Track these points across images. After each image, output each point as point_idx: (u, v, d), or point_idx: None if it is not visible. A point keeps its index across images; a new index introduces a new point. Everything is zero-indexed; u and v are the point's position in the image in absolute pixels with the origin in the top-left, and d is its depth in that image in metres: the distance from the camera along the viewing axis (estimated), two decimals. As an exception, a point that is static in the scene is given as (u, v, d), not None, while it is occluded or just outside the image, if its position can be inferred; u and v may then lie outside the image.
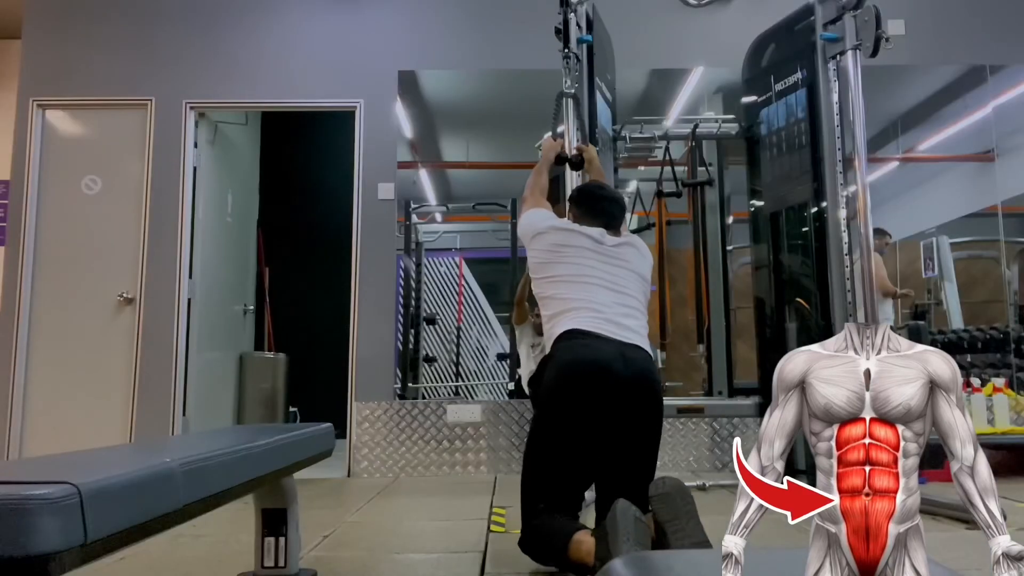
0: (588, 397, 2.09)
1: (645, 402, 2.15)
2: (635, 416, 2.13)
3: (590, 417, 2.10)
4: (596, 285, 2.28)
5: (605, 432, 2.11)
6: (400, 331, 4.61)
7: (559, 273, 2.32)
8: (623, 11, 4.46)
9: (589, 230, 2.39)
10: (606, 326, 2.18)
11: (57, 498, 0.83)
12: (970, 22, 4.81)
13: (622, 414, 2.11)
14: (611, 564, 1.06)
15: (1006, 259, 4.74)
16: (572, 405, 2.11)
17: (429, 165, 4.97)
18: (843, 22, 3.29)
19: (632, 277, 2.36)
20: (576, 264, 2.31)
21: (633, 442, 2.15)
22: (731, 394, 4.47)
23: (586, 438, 2.11)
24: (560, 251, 2.34)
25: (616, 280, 2.31)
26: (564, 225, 2.43)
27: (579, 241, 2.35)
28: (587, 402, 2.09)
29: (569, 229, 2.40)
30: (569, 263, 2.32)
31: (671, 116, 4.86)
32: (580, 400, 2.10)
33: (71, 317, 4.58)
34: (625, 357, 2.13)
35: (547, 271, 2.35)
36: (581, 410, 2.10)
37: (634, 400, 2.12)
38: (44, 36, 4.78)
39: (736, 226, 4.74)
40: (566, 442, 2.12)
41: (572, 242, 2.36)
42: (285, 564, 1.89)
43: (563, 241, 2.36)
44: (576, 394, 2.10)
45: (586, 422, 2.10)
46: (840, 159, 3.37)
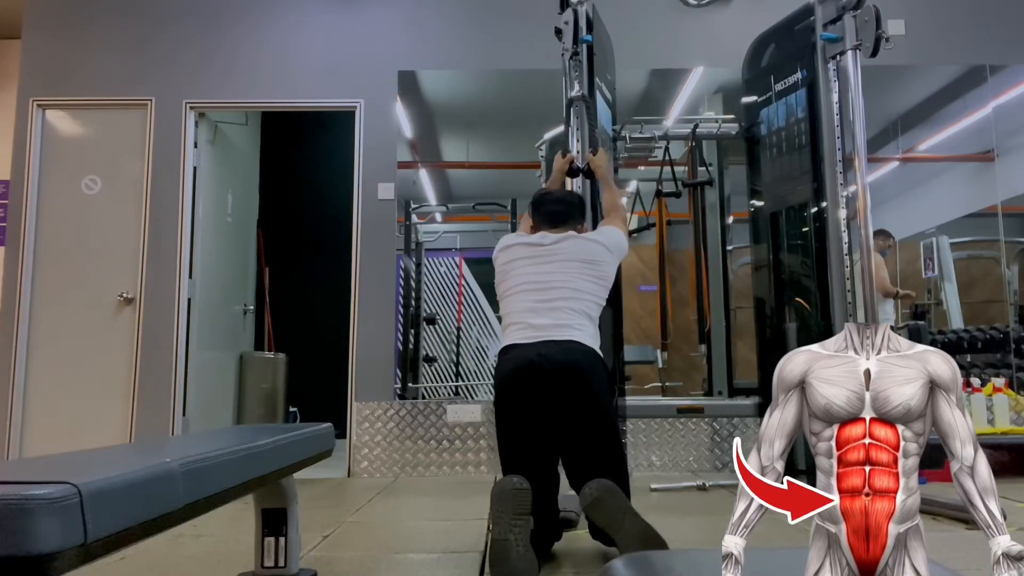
0: (520, 396, 2.33)
1: (568, 383, 2.31)
2: (563, 398, 2.31)
3: (527, 412, 2.32)
4: (521, 292, 2.48)
5: (549, 421, 2.32)
6: (400, 331, 4.61)
7: (503, 290, 2.57)
8: (623, 11, 4.46)
9: (530, 237, 2.60)
10: (527, 332, 2.40)
11: (57, 498, 0.83)
12: (970, 22, 4.81)
13: (555, 402, 2.30)
14: (611, 564, 1.06)
15: (1006, 259, 4.74)
16: (510, 407, 2.36)
17: (429, 165, 4.97)
18: (843, 22, 3.29)
19: (564, 267, 2.50)
20: (511, 276, 2.53)
21: (575, 423, 2.33)
22: (731, 394, 4.48)
23: (531, 431, 2.33)
24: (504, 268, 2.57)
25: (541, 279, 2.48)
26: (510, 242, 2.63)
27: (517, 253, 2.57)
28: (520, 400, 2.33)
29: (511, 245, 2.61)
30: (508, 279, 2.54)
31: (671, 116, 4.86)
32: (514, 401, 2.34)
33: (71, 317, 4.58)
34: (540, 354, 2.33)
35: (499, 290, 2.60)
36: (518, 409, 2.34)
37: (556, 385, 2.30)
38: (44, 36, 4.78)
39: (736, 226, 4.74)
40: (516, 437, 2.36)
41: (512, 255, 2.57)
42: (285, 564, 1.89)
43: (507, 258, 2.58)
44: (511, 397, 2.35)
45: (525, 417, 2.33)
46: (840, 159, 3.37)
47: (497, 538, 2.04)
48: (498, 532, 2.05)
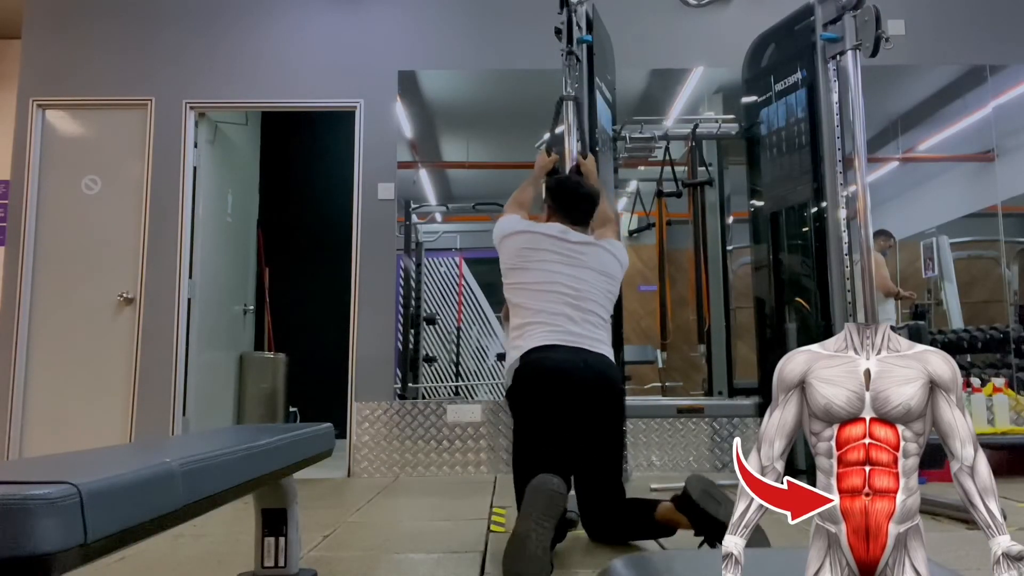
0: (561, 396, 2.32)
1: (605, 400, 2.36)
2: (597, 413, 2.35)
3: (559, 414, 2.32)
4: (554, 293, 2.43)
5: (574, 428, 2.33)
6: (400, 331, 4.61)
7: (526, 281, 2.48)
8: (623, 11, 4.46)
9: (550, 228, 2.53)
10: (565, 336, 2.39)
11: (57, 498, 0.83)
12: (970, 22, 4.81)
13: (586, 412, 2.33)
14: (611, 564, 1.06)
15: (1006, 259, 4.74)
16: (547, 403, 2.33)
17: (429, 165, 4.97)
18: (843, 22, 3.29)
19: (593, 276, 2.50)
20: (536, 269, 2.46)
21: (598, 436, 2.36)
22: (731, 394, 4.48)
23: (559, 432, 2.33)
24: (526, 256, 2.49)
25: (577, 286, 2.46)
26: (524, 227, 2.56)
27: (541, 243, 2.50)
28: (555, 401, 2.32)
29: (529, 231, 2.54)
30: (535, 270, 2.47)
31: (671, 116, 4.86)
32: (553, 399, 2.32)
33: (71, 317, 4.58)
34: (586, 362, 2.35)
35: (515, 277, 2.52)
36: (556, 407, 2.32)
37: (595, 398, 2.34)
38: (44, 36, 4.78)
39: (736, 226, 4.74)
40: (546, 434, 2.34)
41: (534, 244, 2.50)
42: (285, 564, 1.89)
43: (526, 244, 2.51)
44: (550, 394, 2.33)
45: (556, 419, 2.32)
46: (840, 159, 3.37)
47: (518, 532, 1.96)
48: (521, 527, 1.97)
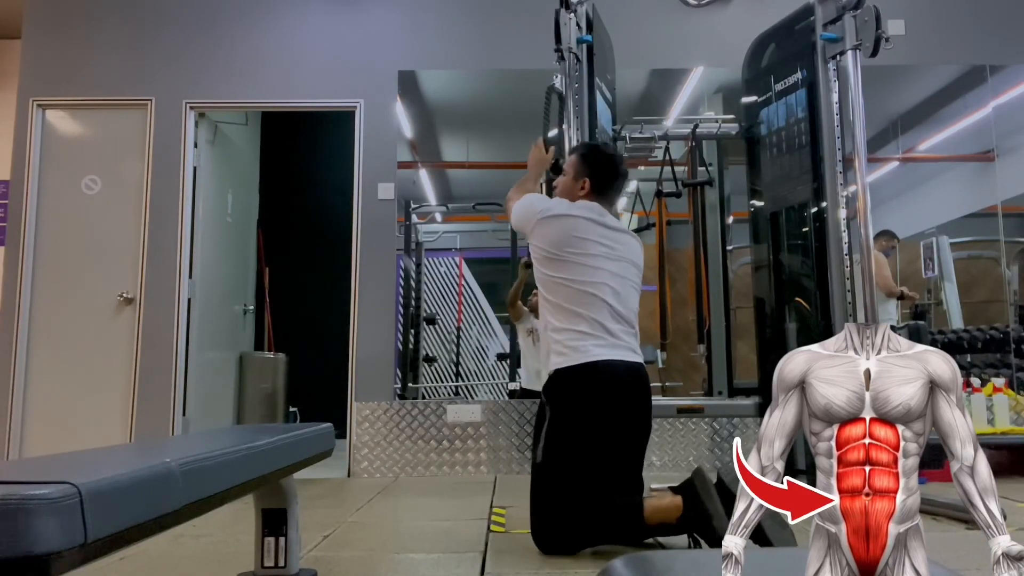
0: (631, 405, 2.43)
1: (644, 405, 2.48)
2: (638, 416, 2.45)
3: (617, 419, 2.40)
4: (603, 297, 2.41)
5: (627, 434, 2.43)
6: (400, 331, 4.61)
7: (572, 278, 2.41)
8: (623, 11, 4.45)
9: (590, 210, 2.47)
10: (622, 352, 2.42)
11: (57, 498, 0.83)
12: (970, 22, 4.81)
13: (631, 416, 2.43)
14: (611, 564, 1.06)
15: (1006, 259, 4.73)
16: (609, 410, 2.39)
17: (429, 165, 4.97)
18: (843, 22, 3.29)
19: (629, 272, 2.51)
20: (591, 268, 2.41)
21: (637, 438, 2.46)
22: (731, 394, 4.47)
23: (623, 438, 2.43)
24: (572, 245, 2.41)
25: (619, 285, 2.45)
26: (575, 211, 2.47)
27: (592, 232, 2.44)
28: (615, 406, 2.40)
29: (581, 216, 2.45)
30: (580, 264, 2.40)
31: (671, 116, 4.86)
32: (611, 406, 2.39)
33: (71, 317, 4.58)
34: (642, 377, 2.47)
35: (559, 271, 2.43)
36: (613, 413, 2.39)
37: (638, 404, 2.45)
38: (44, 36, 4.78)
39: (736, 226, 4.74)
40: (617, 443, 2.41)
41: (586, 233, 2.43)
42: (285, 564, 1.89)
43: (575, 233, 2.42)
44: (623, 402, 2.41)
45: (616, 423, 2.40)
46: (840, 159, 3.37)
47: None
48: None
